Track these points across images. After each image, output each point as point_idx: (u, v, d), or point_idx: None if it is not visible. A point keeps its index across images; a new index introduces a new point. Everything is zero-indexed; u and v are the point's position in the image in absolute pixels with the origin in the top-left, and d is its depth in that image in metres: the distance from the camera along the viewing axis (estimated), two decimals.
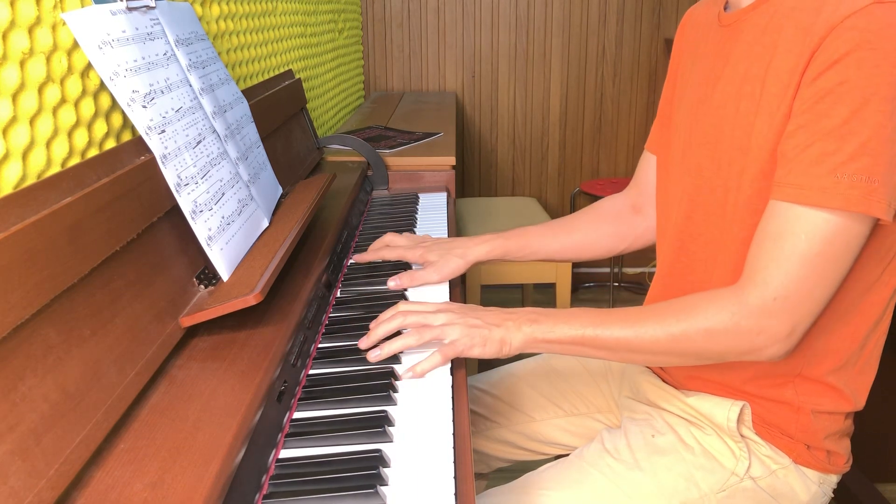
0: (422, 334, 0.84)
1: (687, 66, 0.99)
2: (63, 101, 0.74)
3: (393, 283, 1.04)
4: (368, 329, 0.87)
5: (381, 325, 0.86)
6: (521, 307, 0.89)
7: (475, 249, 1.10)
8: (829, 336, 0.85)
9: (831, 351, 0.85)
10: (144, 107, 0.78)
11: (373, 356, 0.83)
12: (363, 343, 0.86)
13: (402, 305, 0.89)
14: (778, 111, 0.79)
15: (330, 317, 0.97)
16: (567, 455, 0.99)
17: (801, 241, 0.75)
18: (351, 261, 1.15)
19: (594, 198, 3.17)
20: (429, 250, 1.09)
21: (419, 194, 1.56)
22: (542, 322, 0.84)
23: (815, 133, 0.74)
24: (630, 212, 1.17)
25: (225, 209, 0.88)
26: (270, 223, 1.02)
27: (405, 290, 1.05)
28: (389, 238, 1.14)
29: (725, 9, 0.92)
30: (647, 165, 1.14)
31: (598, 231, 1.17)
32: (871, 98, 0.71)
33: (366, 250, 1.15)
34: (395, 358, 0.85)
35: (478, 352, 0.83)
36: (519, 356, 0.95)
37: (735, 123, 0.84)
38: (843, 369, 0.87)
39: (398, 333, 0.86)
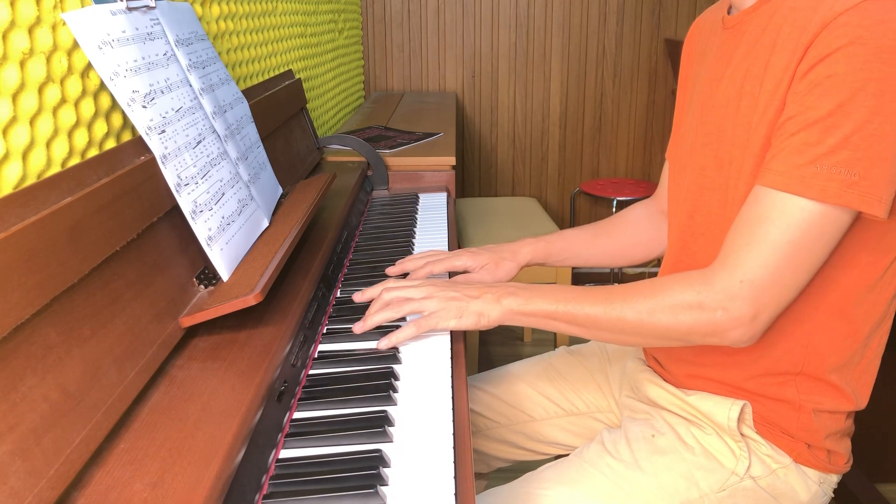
0: (401, 307, 0.88)
1: (695, 70, 1.00)
2: (63, 101, 0.74)
3: None
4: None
5: (366, 295, 0.91)
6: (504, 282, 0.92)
7: (521, 252, 1.11)
8: (831, 334, 0.85)
9: (833, 349, 0.86)
10: (144, 107, 0.78)
11: (356, 328, 0.88)
12: (357, 327, 0.89)
13: (386, 282, 0.93)
14: (771, 105, 0.80)
15: (330, 317, 0.97)
16: (567, 455, 0.99)
17: (775, 227, 0.76)
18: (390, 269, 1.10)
19: (594, 198, 3.17)
20: (476, 255, 1.09)
21: (419, 194, 1.56)
22: (520, 295, 0.87)
23: (801, 123, 0.75)
24: (661, 217, 1.17)
25: (225, 209, 0.88)
26: (270, 223, 1.02)
27: None
28: (427, 255, 1.09)
29: (729, 12, 0.93)
30: (667, 173, 1.15)
31: (635, 235, 1.17)
32: (857, 93, 0.72)
33: (368, 252, 1.15)
34: (395, 358, 0.85)
35: (454, 324, 0.86)
36: (519, 356, 0.95)
37: (736, 122, 0.85)
38: (845, 368, 0.87)
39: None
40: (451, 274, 1.11)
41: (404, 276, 1.07)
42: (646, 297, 0.82)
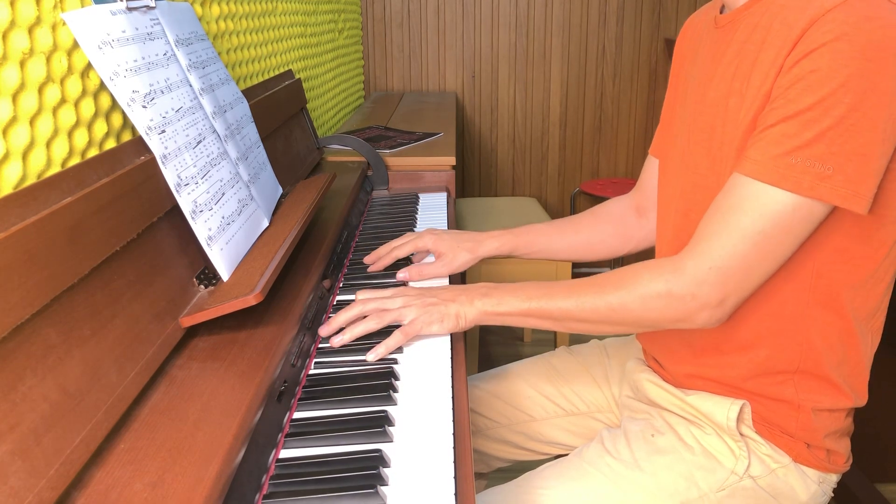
0: (381, 317, 0.88)
1: (687, 69, 1.01)
2: (63, 101, 0.74)
3: (401, 275, 1.06)
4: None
5: (342, 314, 0.89)
6: (475, 283, 0.93)
7: (485, 245, 1.12)
8: (826, 330, 0.85)
9: (828, 345, 0.86)
10: (144, 107, 0.78)
11: (336, 341, 0.87)
12: (323, 330, 0.89)
13: (360, 294, 0.92)
14: (756, 100, 0.80)
15: (330, 317, 0.97)
16: (567, 455, 0.99)
17: (747, 216, 0.77)
18: (369, 269, 1.13)
19: (594, 198, 3.17)
20: (440, 238, 1.11)
21: (419, 194, 1.56)
22: (493, 295, 0.88)
23: (782, 115, 0.76)
24: (634, 214, 1.18)
25: (225, 209, 0.88)
26: (270, 223, 1.02)
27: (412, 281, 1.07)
28: (393, 242, 1.13)
29: (722, 11, 0.93)
30: (651, 169, 1.15)
31: (603, 232, 1.18)
32: (838, 89, 0.72)
33: (368, 252, 1.15)
34: (394, 358, 0.85)
35: (436, 328, 0.87)
36: (519, 356, 0.96)
37: (726, 120, 0.85)
38: (841, 364, 0.87)
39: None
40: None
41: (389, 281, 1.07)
42: (617, 289, 0.84)
